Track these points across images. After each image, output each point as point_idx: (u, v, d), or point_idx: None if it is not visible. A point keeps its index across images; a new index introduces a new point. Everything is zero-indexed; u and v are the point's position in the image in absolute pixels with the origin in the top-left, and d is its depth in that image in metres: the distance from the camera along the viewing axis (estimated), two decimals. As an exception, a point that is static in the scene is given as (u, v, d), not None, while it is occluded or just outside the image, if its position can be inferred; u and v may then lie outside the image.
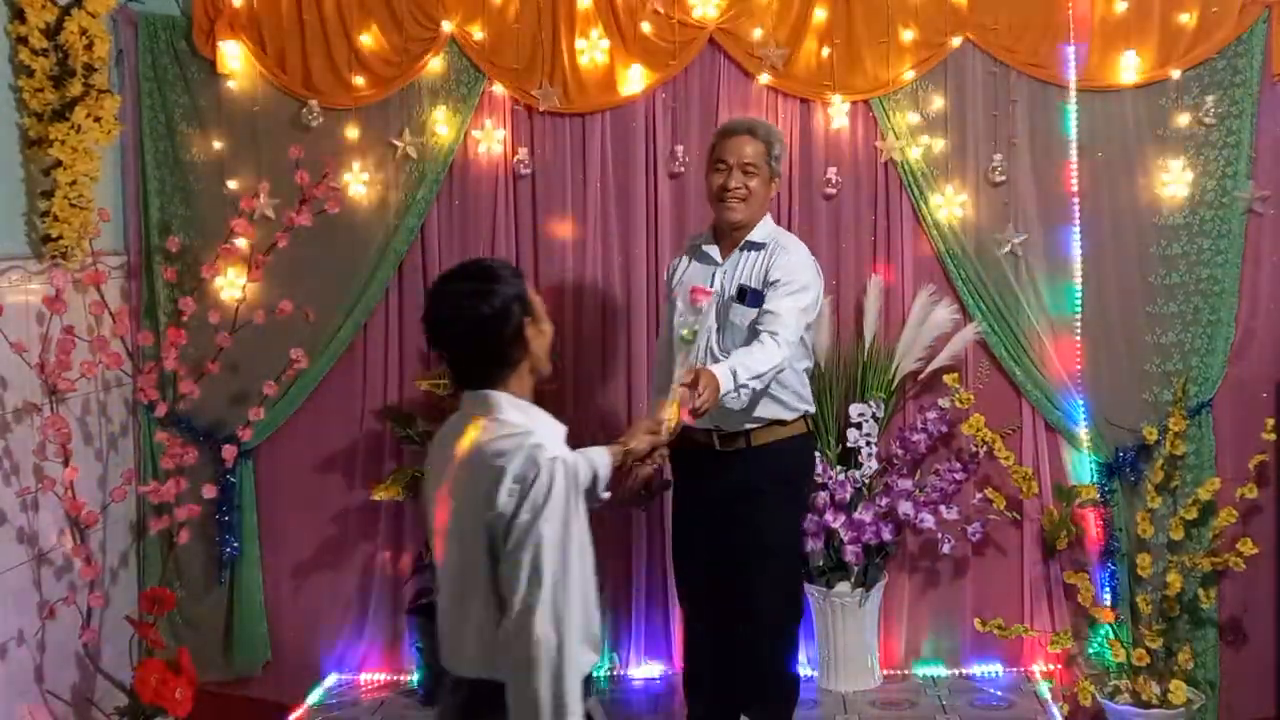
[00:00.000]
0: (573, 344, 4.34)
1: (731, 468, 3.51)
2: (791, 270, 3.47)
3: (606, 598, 2.61)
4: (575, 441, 2.38)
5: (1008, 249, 4.23)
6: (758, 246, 3.56)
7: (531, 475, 2.17)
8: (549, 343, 2.42)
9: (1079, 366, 4.23)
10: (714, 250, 3.62)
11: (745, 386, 3.24)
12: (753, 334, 3.42)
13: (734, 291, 3.51)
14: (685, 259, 3.73)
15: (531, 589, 2.15)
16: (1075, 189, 4.22)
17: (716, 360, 3.37)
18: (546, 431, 2.30)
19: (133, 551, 4.33)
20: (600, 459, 2.64)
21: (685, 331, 3.24)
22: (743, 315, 3.49)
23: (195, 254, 4.32)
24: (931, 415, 4.24)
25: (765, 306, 3.42)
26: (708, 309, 3.32)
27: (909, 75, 4.22)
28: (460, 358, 2.34)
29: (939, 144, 4.25)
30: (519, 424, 2.28)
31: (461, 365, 2.34)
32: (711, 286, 3.47)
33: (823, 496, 4.13)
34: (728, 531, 3.53)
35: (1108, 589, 4.21)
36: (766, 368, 3.28)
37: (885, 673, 4.34)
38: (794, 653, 3.74)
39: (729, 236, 3.61)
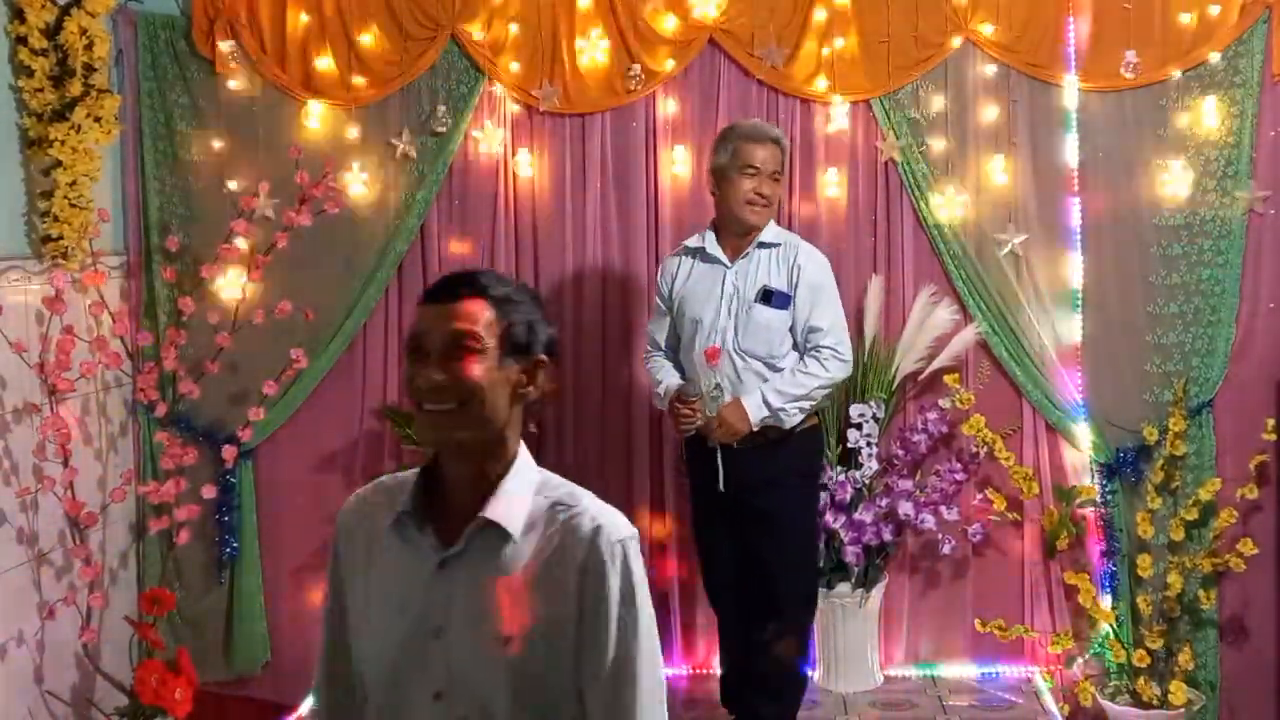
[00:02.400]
0: (572, 343, 4.33)
1: (749, 463, 3.54)
2: (822, 277, 3.64)
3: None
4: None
5: (1008, 249, 4.22)
6: (770, 246, 3.64)
7: None
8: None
9: (1079, 367, 4.23)
10: (719, 252, 3.66)
11: (784, 409, 3.51)
12: (784, 341, 3.61)
13: (757, 293, 3.57)
14: (683, 260, 3.76)
15: None
16: (1075, 189, 4.22)
17: (736, 361, 3.56)
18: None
19: (132, 552, 4.32)
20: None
21: (715, 390, 3.52)
22: (766, 315, 3.57)
23: (195, 254, 4.31)
24: (932, 416, 4.24)
25: (812, 323, 3.57)
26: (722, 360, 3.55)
27: (909, 75, 4.22)
28: None
29: (939, 144, 4.25)
30: None
31: None
32: (723, 288, 3.61)
33: (823, 497, 4.12)
34: (750, 527, 3.57)
35: (1108, 589, 4.21)
36: (810, 387, 3.54)
37: (885, 673, 4.33)
38: (806, 653, 3.74)
39: (734, 239, 3.66)
